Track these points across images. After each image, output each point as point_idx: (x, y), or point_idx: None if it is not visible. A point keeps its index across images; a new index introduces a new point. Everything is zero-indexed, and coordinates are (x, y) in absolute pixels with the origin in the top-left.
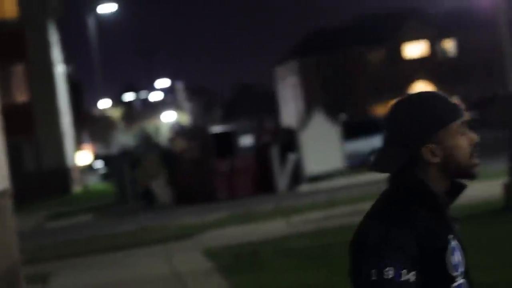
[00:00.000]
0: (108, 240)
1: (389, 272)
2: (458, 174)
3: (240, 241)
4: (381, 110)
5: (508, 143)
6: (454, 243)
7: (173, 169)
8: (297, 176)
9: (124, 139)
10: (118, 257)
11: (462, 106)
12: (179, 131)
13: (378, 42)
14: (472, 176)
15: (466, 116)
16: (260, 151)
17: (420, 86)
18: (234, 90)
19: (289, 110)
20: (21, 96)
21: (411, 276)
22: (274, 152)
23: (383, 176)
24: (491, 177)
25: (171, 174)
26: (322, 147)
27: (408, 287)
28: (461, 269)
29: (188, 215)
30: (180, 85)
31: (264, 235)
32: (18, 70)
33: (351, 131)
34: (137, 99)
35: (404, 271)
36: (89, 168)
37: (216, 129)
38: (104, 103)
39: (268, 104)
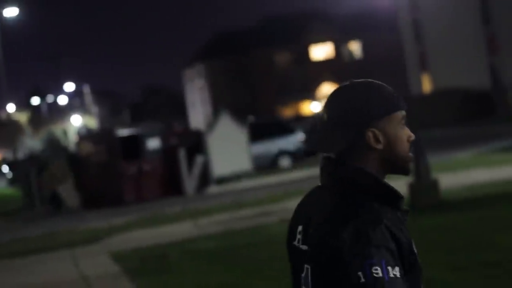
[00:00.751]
0: (15, 245)
1: (377, 271)
2: (396, 166)
3: (148, 243)
4: (288, 111)
5: (414, 145)
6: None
7: (80, 172)
8: (205, 178)
9: (32, 143)
10: (25, 263)
11: (404, 99)
12: (85, 134)
13: (284, 44)
14: (406, 171)
15: (405, 111)
16: (167, 153)
17: (327, 88)
18: (142, 93)
19: (197, 113)
20: None
21: (397, 271)
22: (182, 154)
23: (289, 177)
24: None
25: (78, 178)
26: (230, 149)
27: (398, 283)
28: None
29: (96, 219)
30: (87, 89)
31: (172, 237)
32: None
33: (258, 133)
34: (44, 103)
35: (389, 268)
36: None
37: (123, 132)
38: (11, 107)
39: (176, 106)
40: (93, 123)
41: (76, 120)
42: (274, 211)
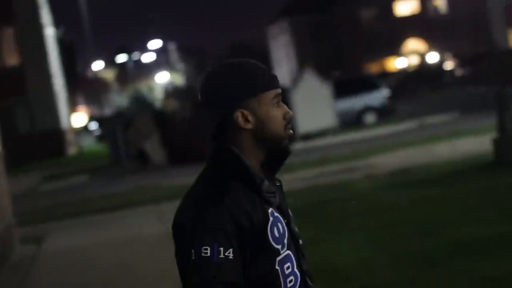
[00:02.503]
0: (102, 201)
1: (207, 251)
2: (271, 143)
3: None
4: (373, 67)
5: (497, 99)
6: (274, 215)
7: (166, 129)
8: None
9: (118, 100)
10: (112, 218)
11: (277, 78)
12: (172, 91)
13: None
14: (284, 148)
15: (280, 89)
16: None
17: (412, 43)
18: (228, 49)
19: (282, 69)
20: (12, 60)
21: (229, 254)
22: None
23: (374, 133)
24: (481, 133)
25: (164, 134)
26: (314, 105)
27: (227, 264)
28: (284, 240)
29: (181, 175)
30: (172, 46)
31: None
32: (8, 34)
33: (343, 89)
34: (130, 60)
35: (221, 249)
36: (84, 130)
37: None
38: (97, 65)
39: (261, 63)
40: (179, 79)
41: (162, 77)
42: (358, 167)
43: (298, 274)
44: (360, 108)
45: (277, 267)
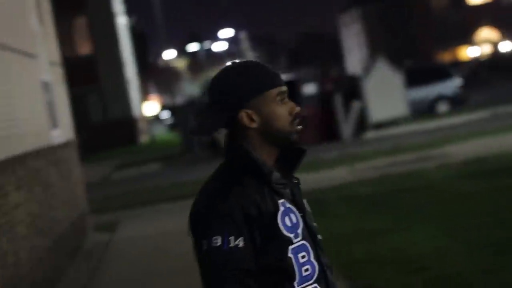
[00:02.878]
0: (175, 189)
1: (217, 241)
2: (278, 140)
3: (305, 188)
4: (445, 56)
5: None
6: (286, 206)
7: None
8: (361, 124)
9: (190, 89)
10: (184, 206)
11: (280, 76)
12: None
13: None
14: (291, 143)
15: (284, 87)
16: (324, 99)
17: (485, 32)
18: (299, 39)
19: (353, 58)
20: (84, 48)
21: (239, 242)
22: (338, 99)
23: (447, 122)
24: None
25: None
26: (386, 94)
27: (237, 252)
28: (298, 230)
29: None
30: (243, 35)
31: (329, 182)
32: (80, 23)
33: (415, 78)
34: (202, 49)
35: (231, 238)
36: (156, 118)
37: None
38: (169, 54)
39: (333, 52)
40: None
41: None
42: (432, 156)
43: (316, 264)
44: (433, 97)
45: (290, 255)
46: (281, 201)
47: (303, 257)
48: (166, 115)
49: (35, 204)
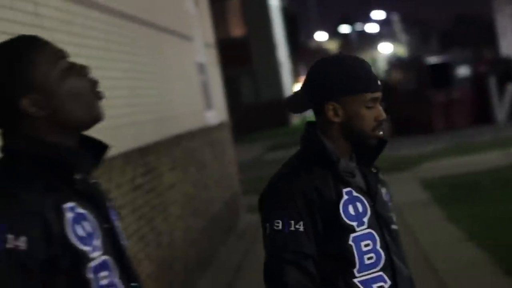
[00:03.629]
0: None
1: (278, 224)
2: (355, 138)
3: (457, 172)
4: None
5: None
6: (352, 195)
7: (390, 100)
8: None
9: None
10: None
11: (377, 82)
12: (395, 62)
13: None
14: (368, 144)
15: (378, 93)
16: (477, 81)
17: None
18: (452, 21)
19: (508, 40)
20: (237, 30)
21: (299, 226)
22: (492, 82)
23: None
24: None
25: (388, 105)
26: None
27: (297, 236)
28: (363, 219)
29: (405, 146)
30: (395, 17)
31: (481, 166)
32: (234, 5)
33: None
34: (353, 31)
35: (292, 221)
36: None
37: (433, 60)
38: (320, 36)
39: (486, 34)
40: (402, 51)
41: (385, 48)
42: None
43: (383, 253)
44: None
45: (350, 243)
46: (346, 189)
47: (366, 245)
48: None
49: (189, 184)
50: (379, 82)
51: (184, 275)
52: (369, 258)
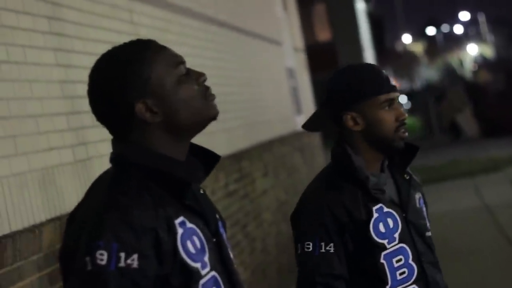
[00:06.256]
0: (417, 173)
1: (309, 246)
2: (381, 144)
3: None
4: None
5: None
6: (383, 211)
7: (478, 101)
8: None
9: (427, 73)
10: (426, 191)
11: (390, 82)
12: (483, 63)
13: None
14: (395, 149)
15: (394, 93)
16: None
17: None
18: None
19: None
20: (324, 34)
21: (330, 248)
22: None
23: None
24: None
25: (477, 107)
26: None
27: (328, 258)
28: (395, 235)
29: (495, 148)
30: (482, 17)
31: None
32: (320, 9)
33: None
34: (439, 32)
35: (322, 243)
36: None
37: None
38: (407, 39)
39: None
40: (488, 51)
41: (472, 49)
42: None
43: (415, 266)
44: None
45: (382, 261)
46: (376, 207)
47: (398, 261)
48: (403, 100)
49: (281, 190)
50: (392, 83)
51: (277, 281)
52: (401, 274)
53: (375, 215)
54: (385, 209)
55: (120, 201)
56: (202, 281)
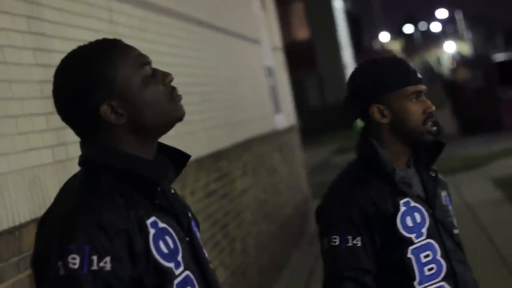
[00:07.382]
0: None
1: (336, 240)
2: (409, 137)
3: None
4: None
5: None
6: (410, 205)
7: (456, 99)
8: None
9: None
10: None
11: (417, 75)
12: (461, 60)
13: None
14: (423, 142)
15: (420, 85)
16: None
17: None
18: None
19: None
20: (302, 33)
21: (357, 242)
22: None
23: None
24: None
25: (455, 104)
26: None
27: (355, 252)
28: (422, 230)
29: (474, 145)
30: (459, 15)
31: None
32: (298, 8)
33: None
34: (417, 30)
35: (349, 237)
36: None
37: (499, 57)
38: (384, 37)
39: None
40: (466, 49)
41: (449, 47)
42: None
43: (443, 262)
44: None
45: (409, 256)
46: (403, 200)
47: (426, 256)
48: None
49: (260, 189)
50: (419, 76)
51: (258, 281)
52: (429, 269)
53: (402, 208)
54: (412, 203)
55: (91, 203)
56: (176, 281)
